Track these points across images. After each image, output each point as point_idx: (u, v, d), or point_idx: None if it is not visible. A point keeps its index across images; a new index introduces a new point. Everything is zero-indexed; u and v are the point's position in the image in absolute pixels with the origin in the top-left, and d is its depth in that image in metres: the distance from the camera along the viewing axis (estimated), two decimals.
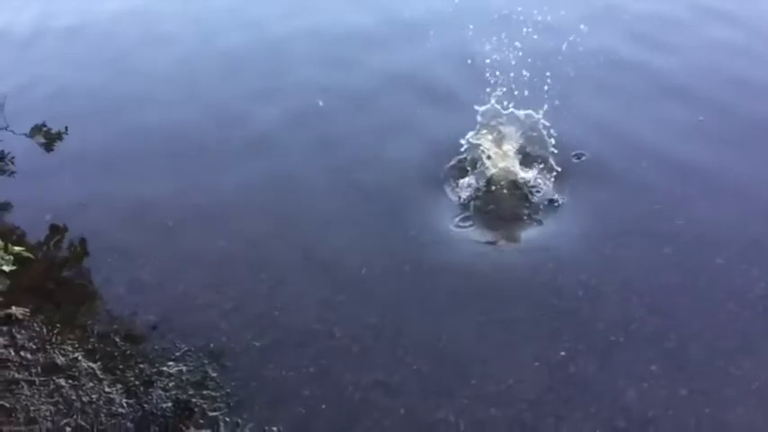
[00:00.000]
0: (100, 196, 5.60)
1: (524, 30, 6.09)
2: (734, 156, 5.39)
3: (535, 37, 6.09)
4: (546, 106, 5.27)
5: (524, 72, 5.62)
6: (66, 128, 5.86)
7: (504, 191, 5.14)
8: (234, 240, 5.09)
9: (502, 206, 5.07)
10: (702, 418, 3.81)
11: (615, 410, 3.88)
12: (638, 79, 6.28)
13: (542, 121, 5.27)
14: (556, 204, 5.06)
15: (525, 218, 4.99)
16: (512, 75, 5.56)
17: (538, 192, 5.13)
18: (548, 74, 5.62)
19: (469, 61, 6.09)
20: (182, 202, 5.46)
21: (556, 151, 5.27)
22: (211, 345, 4.39)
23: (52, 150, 6.00)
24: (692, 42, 6.75)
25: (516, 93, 5.40)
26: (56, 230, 5.35)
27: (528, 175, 5.22)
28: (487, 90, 5.35)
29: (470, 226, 4.98)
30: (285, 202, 5.38)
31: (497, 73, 5.52)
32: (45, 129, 6.02)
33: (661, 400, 3.90)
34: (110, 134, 6.30)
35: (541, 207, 5.05)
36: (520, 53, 5.80)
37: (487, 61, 5.66)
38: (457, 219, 5.04)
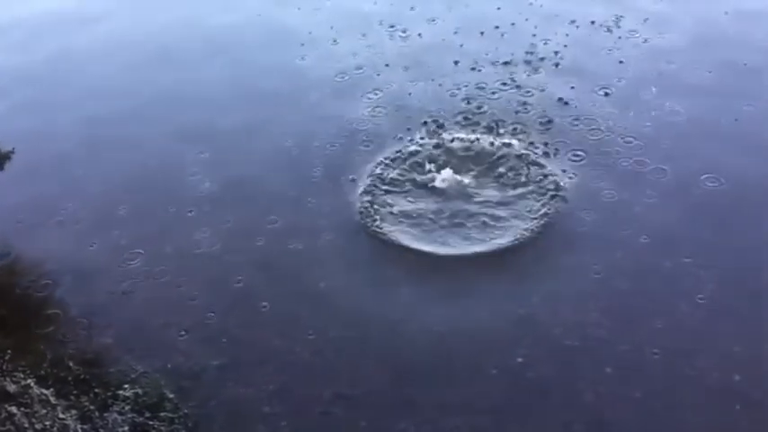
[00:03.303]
0: (52, 218, 5.50)
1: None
2: (682, 156, 5.53)
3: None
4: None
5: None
6: (14, 148, 5.71)
7: (461, 202, 5.22)
8: (190, 258, 5.04)
9: (459, 217, 5.12)
10: (658, 418, 3.88)
11: (573, 414, 3.93)
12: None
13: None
14: (512, 214, 5.12)
15: (482, 228, 5.04)
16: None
17: (495, 202, 5.21)
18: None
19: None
20: (136, 222, 5.38)
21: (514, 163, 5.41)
22: (169, 365, 4.32)
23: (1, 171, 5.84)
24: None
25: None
26: (6, 255, 5.23)
27: (484, 189, 5.32)
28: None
29: (429, 239, 5.01)
30: (241, 219, 5.34)
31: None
32: None
33: (617, 401, 3.97)
34: (62, 153, 6.20)
35: (498, 218, 5.10)
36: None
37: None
38: (415, 232, 5.06)
